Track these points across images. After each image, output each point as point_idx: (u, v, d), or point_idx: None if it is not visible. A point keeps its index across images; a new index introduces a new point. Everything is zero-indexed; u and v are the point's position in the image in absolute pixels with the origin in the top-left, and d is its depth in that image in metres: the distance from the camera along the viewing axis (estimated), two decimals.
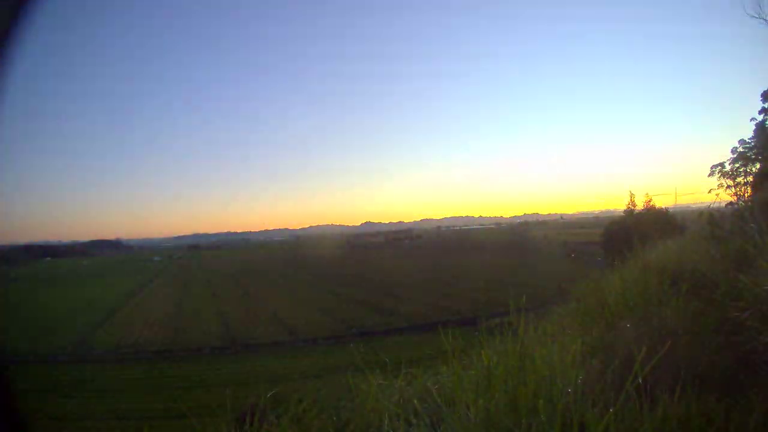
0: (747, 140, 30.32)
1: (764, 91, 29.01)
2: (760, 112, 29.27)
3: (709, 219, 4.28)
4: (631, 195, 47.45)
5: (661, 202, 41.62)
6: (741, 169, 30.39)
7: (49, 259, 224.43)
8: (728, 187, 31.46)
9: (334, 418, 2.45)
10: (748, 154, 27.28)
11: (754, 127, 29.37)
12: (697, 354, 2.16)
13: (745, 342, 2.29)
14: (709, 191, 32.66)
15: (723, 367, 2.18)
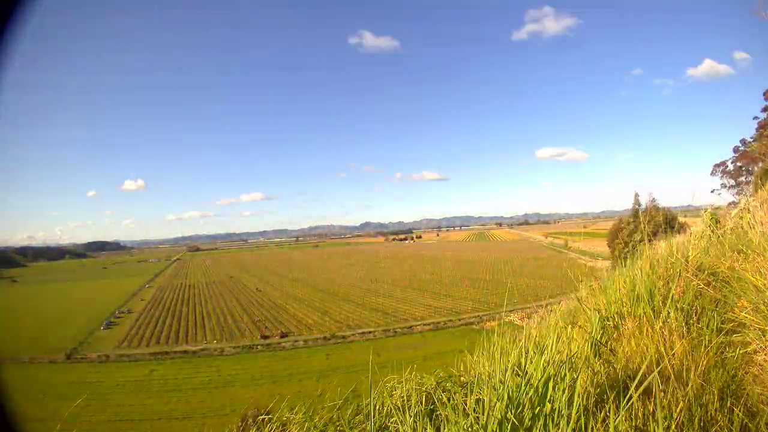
0: (749, 139, 30.35)
1: (767, 90, 28.93)
2: (762, 111, 29.30)
3: (711, 218, 4.27)
4: (636, 194, 47.56)
5: (664, 202, 41.76)
6: (743, 168, 30.43)
7: (44, 261, 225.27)
8: (730, 186, 31.60)
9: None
10: (750, 153, 27.22)
11: (756, 126, 29.41)
12: (700, 354, 2.16)
13: (748, 342, 2.29)
14: (712, 191, 32.73)
15: (726, 367, 2.17)
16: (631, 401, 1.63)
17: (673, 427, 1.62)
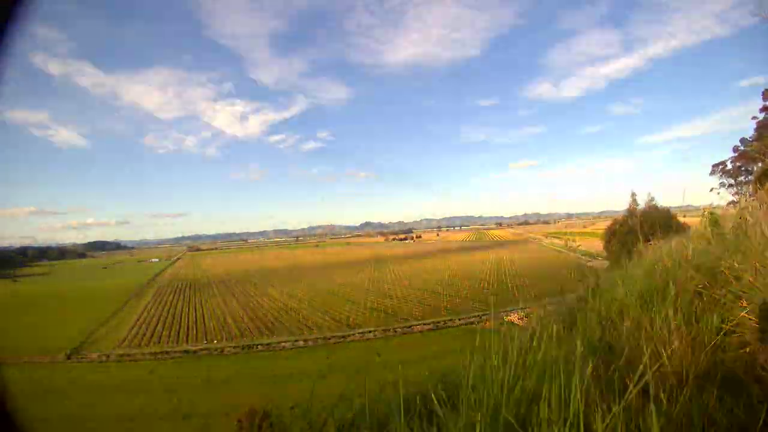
0: (748, 139, 30.38)
1: (765, 90, 28.92)
2: (761, 111, 29.33)
3: (711, 218, 4.27)
4: (633, 194, 47.44)
5: (662, 202, 41.69)
6: (742, 168, 30.42)
7: (45, 261, 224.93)
8: (729, 185, 31.60)
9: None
10: (749, 153, 27.23)
11: (755, 126, 29.45)
12: (699, 354, 2.16)
13: (747, 342, 2.29)
14: (711, 190, 32.77)
15: (725, 367, 2.17)
16: (629, 401, 1.64)
17: (673, 426, 1.62)
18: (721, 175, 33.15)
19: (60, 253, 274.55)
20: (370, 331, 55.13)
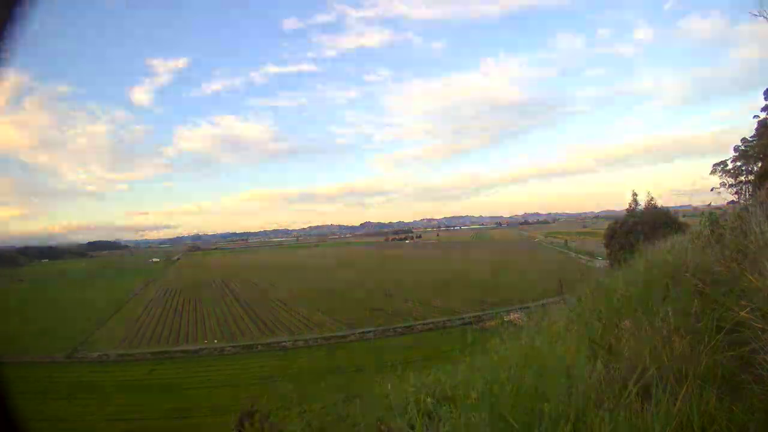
0: (749, 138, 30.26)
1: (767, 89, 28.83)
2: (762, 110, 29.20)
3: (711, 218, 4.27)
4: (633, 194, 47.33)
5: (662, 202, 41.67)
6: (743, 168, 30.34)
7: (46, 260, 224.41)
8: (730, 185, 31.46)
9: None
10: (750, 152, 27.19)
11: (756, 125, 29.28)
12: (698, 353, 2.16)
13: (746, 341, 2.28)
14: (711, 190, 32.68)
15: (725, 366, 2.17)
16: (630, 401, 1.64)
17: (673, 426, 1.62)
18: (721, 175, 32.99)
19: (60, 253, 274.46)
20: (369, 331, 55.13)
